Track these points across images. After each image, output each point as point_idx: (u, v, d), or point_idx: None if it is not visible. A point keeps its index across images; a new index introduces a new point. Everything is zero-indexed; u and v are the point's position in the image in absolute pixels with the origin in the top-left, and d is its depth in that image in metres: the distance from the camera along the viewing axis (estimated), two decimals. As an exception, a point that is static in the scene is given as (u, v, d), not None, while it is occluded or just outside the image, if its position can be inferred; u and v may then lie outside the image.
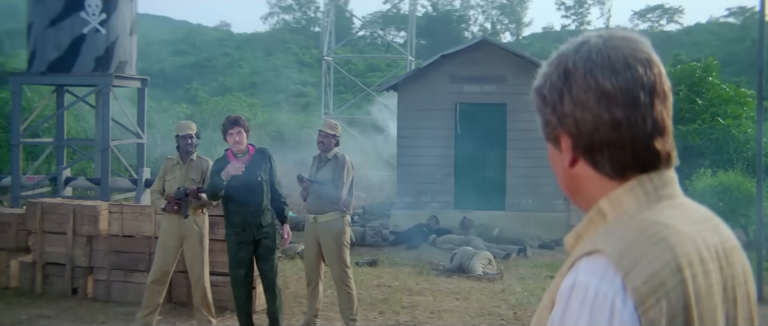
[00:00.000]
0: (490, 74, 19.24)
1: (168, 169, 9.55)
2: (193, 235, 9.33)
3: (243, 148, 8.84)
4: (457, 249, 14.84)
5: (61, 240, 11.20)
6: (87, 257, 11.10)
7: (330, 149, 9.43)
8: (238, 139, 8.79)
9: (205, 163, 9.49)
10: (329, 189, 9.24)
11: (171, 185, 9.40)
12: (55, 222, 11.24)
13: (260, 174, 8.80)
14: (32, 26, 18.82)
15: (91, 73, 18.54)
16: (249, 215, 8.78)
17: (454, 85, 19.37)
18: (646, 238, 1.55)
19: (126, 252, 10.97)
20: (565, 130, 1.66)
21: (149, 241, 10.81)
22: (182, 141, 9.52)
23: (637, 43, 1.66)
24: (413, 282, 13.06)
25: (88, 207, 11.20)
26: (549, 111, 1.69)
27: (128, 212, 11.04)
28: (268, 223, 8.91)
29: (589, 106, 1.62)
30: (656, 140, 1.63)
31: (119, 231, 11.00)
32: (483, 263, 13.99)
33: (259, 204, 8.81)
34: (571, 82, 1.64)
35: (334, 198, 9.25)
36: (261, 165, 8.86)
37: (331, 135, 9.44)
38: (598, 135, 1.62)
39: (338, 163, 9.36)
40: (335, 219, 9.29)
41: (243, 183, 8.69)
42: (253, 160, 8.81)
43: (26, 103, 24.75)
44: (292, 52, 65.30)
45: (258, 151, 9.00)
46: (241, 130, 8.84)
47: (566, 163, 1.69)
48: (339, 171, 9.31)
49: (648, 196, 1.64)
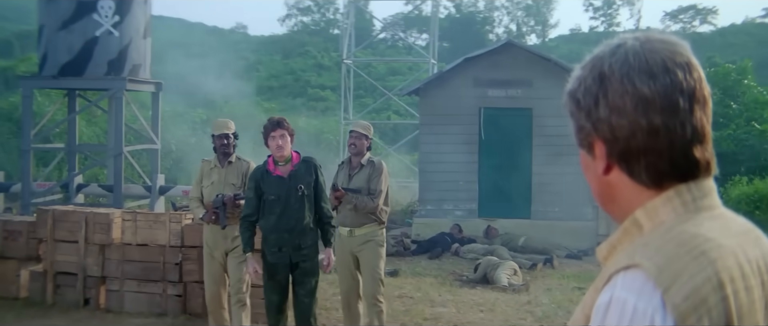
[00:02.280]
0: (515, 78, 19.19)
1: (205, 173, 9.12)
2: (237, 248, 8.82)
3: (286, 154, 8.07)
4: (481, 259, 14.80)
5: (72, 249, 11.22)
6: (99, 266, 11.12)
7: (362, 152, 8.93)
8: (282, 143, 7.99)
9: (245, 165, 9.00)
10: (366, 198, 8.76)
11: (209, 191, 8.96)
12: (66, 230, 11.27)
13: (302, 187, 8.02)
14: (43, 28, 18.93)
15: (103, 76, 18.62)
16: (286, 234, 8.03)
17: (478, 89, 19.33)
18: (686, 252, 1.53)
19: (140, 262, 10.97)
20: (599, 136, 1.65)
21: (164, 250, 10.81)
22: (218, 141, 9.05)
23: (676, 45, 1.64)
24: (436, 293, 13.03)
25: (100, 214, 11.23)
26: (583, 116, 1.67)
27: (142, 220, 11.04)
28: (309, 245, 8.13)
29: (625, 111, 1.60)
30: (695, 148, 1.61)
31: (133, 240, 11.00)
32: (508, 273, 13.94)
33: (298, 222, 8.04)
34: (606, 87, 1.62)
35: (372, 209, 8.78)
36: (304, 177, 8.07)
37: (364, 136, 8.94)
38: (635, 141, 1.60)
39: (375, 169, 8.88)
40: (373, 231, 8.88)
41: (281, 197, 8.02)
42: (295, 170, 8.08)
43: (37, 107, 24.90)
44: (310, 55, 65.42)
45: (303, 160, 8.18)
46: (285, 133, 8.03)
47: (600, 170, 1.67)
48: (376, 178, 8.82)
49: (686, 207, 1.62)
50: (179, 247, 10.73)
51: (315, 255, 8.21)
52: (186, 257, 10.70)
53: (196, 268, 10.48)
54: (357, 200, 8.71)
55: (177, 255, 10.74)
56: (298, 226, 8.04)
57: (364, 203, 8.73)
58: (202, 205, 9.01)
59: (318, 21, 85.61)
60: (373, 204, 8.75)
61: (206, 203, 8.93)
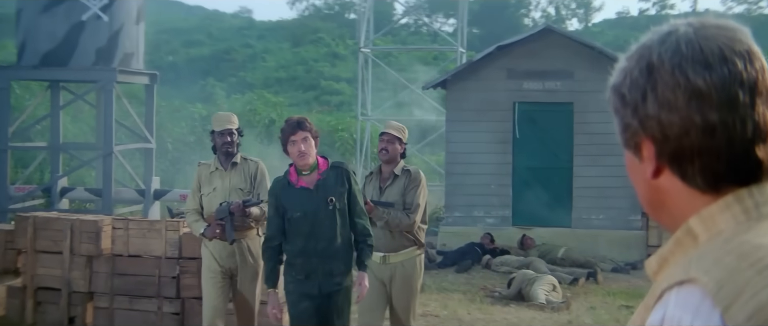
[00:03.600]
0: (554, 68, 19.15)
1: (204, 179, 8.62)
2: (246, 268, 8.44)
3: (311, 161, 7.31)
4: (515, 273, 14.78)
5: (56, 261, 11.25)
6: (86, 281, 11.15)
7: (396, 159, 8.36)
8: (305, 148, 7.21)
9: (253, 166, 8.58)
10: (400, 214, 8.18)
11: (211, 200, 8.42)
12: (49, 239, 11.29)
13: (333, 200, 7.26)
14: (22, 12, 19.02)
15: (91, 66, 18.71)
16: (315, 258, 7.27)
17: (513, 81, 19.31)
18: (749, 266, 1.52)
19: (132, 275, 11.00)
20: (647, 135, 1.64)
21: (159, 262, 10.83)
22: (220, 138, 8.57)
23: (735, 32, 1.63)
24: (464, 310, 13.03)
25: (87, 222, 11.25)
26: (629, 112, 1.66)
27: (135, 228, 11.06)
28: (342, 271, 7.35)
29: (677, 106, 1.59)
30: (758, 147, 1.60)
31: (124, 251, 11.02)
32: (546, 289, 13.92)
33: (330, 242, 7.27)
34: (655, 79, 1.61)
35: (407, 227, 8.20)
36: (335, 188, 7.31)
37: (398, 139, 8.36)
38: (688, 141, 1.59)
39: (412, 180, 8.31)
40: (411, 258, 8.31)
41: (308, 214, 7.28)
42: (324, 179, 7.32)
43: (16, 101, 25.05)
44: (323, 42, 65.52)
45: (332, 166, 7.41)
46: (308, 135, 7.26)
47: (648, 173, 1.66)
48: (413, 191, 8.25)
49: (748, 214, 1.60)
50: (176, 259, 10.75)
51: (350, 286, 7.46)
52: (184, 270, 10.72)
53: (195, 283, 10.48)
54: (389, 216, 8.13)
55: (174, 268, 10.76)
56: (330, 248, 7.27)
57: (398, 219, 8.15)
58: (201, 218, 8.48)
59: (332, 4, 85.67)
60: (408, 221, 8.17)
61: (207, 215, 8.41)
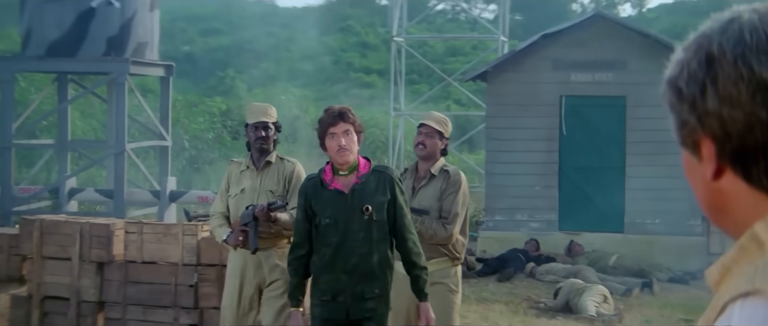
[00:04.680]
0: (604, 58, 19.10)
1: (233, 179, 8.21)
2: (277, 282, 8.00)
3: (352, 160, 6.74)
4: (562, 282, 14.76)
5: (64, 268, 11.29)
6: (97, 289, 11.19)
7: (434, 156, 7.85)
8: (346, 143, 6.65)
9: (290, 167, 8.09)
10: (435, 223, 7.63)
11: (238, 203, 8.00)
12: (56, 245, 11.33)
13: (369, 208, 6.65)
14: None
15: (101, 57, 18.79)
16: (344, 275, 6.68)
17: (559, 72, 19.28)
18: None
19: (146, 283, 11.01)
20: (707, 133, 1.63)
21: (176, 269, 10.83)
22: (253, 133, 8.10)
23: (805, 19, 1.63)
24: (506, 323, 13.03)
25: (98, 226, 11.29)
26: (686, 108, 1.66)
27: (149, 232, 11.07)
28: (377, 295, 6.73)
29: (740, 101, 1.59)
30: (830, 145, 1.60)
31: (138, 257, 11.04)
32: (596, 300, 13.88)
33: (363, 259, 6.67)
34: (716, 71, 1.61)
35: (443, 239, 7.64)
36: (374, 195, 6.72)
37: (439, 134, 7.85)
38: (753, 138, 1.59)
39: (450, 181, 7.77)
40: (444, 270, 7.76)
41: (339, 221, 6.71)
42: (362, 183, 6.74)
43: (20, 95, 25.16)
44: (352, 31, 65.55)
45: (374, 170, 6.83)
46: (350, 128, 6.70)
47: (708, 174, 1.66)
48: (451, 195, 7.71)
49: (820, 219, 1.60)
50: (194, 266, 10.74)
51: (385, 311, 6.85)
52: (203, 278, 10.73)
53: (214, 292, 10.50)
54: (422, 225, 7.48)
55: (191, 275, 10.77)
56: (363, 265, 6.67)
57: (432, 230, 7.58)
58: (226, 223, 8.10)
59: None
60: (444, 233, 7.61)
61: (233, 219, 8.00)
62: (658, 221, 18.81)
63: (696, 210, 17.67)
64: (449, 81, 31.97)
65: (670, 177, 17.79)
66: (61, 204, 19.61)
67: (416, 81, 49.39)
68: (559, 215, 19.28)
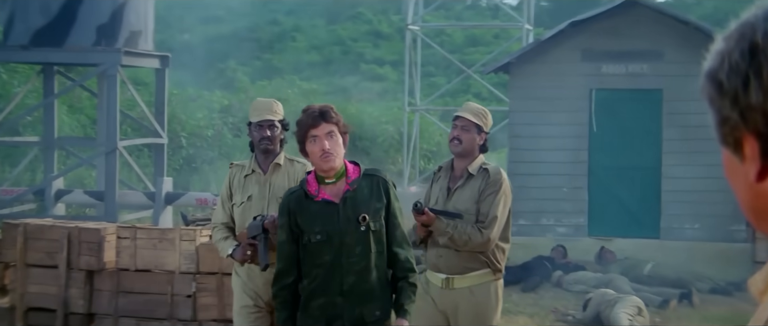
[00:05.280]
0: (639, 48, 19.08)
1: (236, 185, 7.87)
2: None
3: (337, 165, 6.30)
4: (592, 293, 14.74)
5: (50, 277, 11.31)
6: (86, 300, 11.21)
7: (471, 153, 7.46)
8: (330, 146, 6.21)
9: (300, 169, 7.66)
10: (470, 228, 7.22)
11: (245, 212, 7.70)
12: (42, 251, 11.35)
13: (366, 218, 6.26)
14: (10, -17, 19.15)
15: (91, 47, 18.81)
16: (340, 297, 6.29)
17: (589, 63, 19.26)
18: None
19: (140, 293, 11.03)
20: (750, 130, 1.63)
21: (172, 278, 10.84)
22: (257, 132, 7.78)
23: None
24: (531, 337, 13.02)
25: (87, 231, 11.31)
26: (727, 103, 1.66)
27: (143, 238, 11.08)
28: (377, 318, 6.36)
29: (786, 95, 1.59)
30: None
31: (131, 265, 11.06)
32: (630, 313, 13.86)
33: (361, 277, 6.29)
34: (760, 63, 1.61)
35: (479, 246, 7.25)
36: (369, 203, 6.33)
37: (477, 127, 7.46)
38: (800, 136, 1.59)
39: (490, 183, 7.40)
40: (484, 285, 7.37)
41: (332, 237, 6.27)
42: (354, 191, 6.33)
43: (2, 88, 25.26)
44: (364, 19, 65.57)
45: (365, 174, 6.44)
46: (334, 129, 6.27)
47: (751, 175, 1.66)
48: (490, 197, 7.37)
49: None
50: (193, 274, 10.77)
51: None
52: (202, 287, 10.74)
53: (214, 302, 10.53)
54: (454, 230, 7.18)
55: (190, 284, 10.78)
56: (362, 285, 6.30)
57: (466, 235, 7.20)
58: (231, 235, 7.79)
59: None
60: (480, 238, 7.23)
61: (239, 231, 7.72)
62: (697, 226, 18.77)
63: (739, 214, 17.52)
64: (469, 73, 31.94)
65: (711, 178, 17.78)
66: (47, 207, 19.65)
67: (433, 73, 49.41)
68: (589, 219, 19.27)
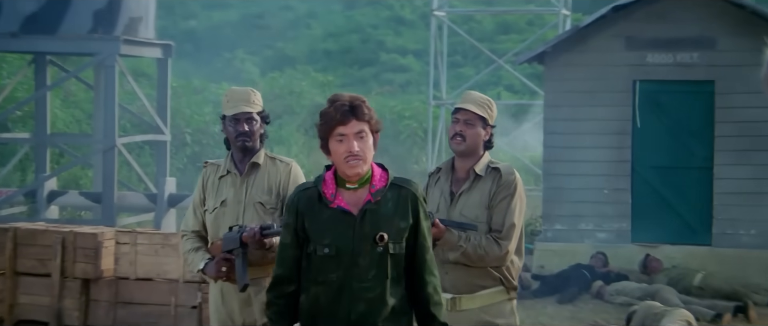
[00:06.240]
0: (688, 35, 18.99)
1: (210, 188, 7.41)
2: None
3: (365, 170, 5.72)
4: (636, 305, 14.68)
5: (42, 286, 11.31)
6: (82, 311, 11.21)
7: (476, 151, 7.03)
8: (359, 147, 5.64)
9: (283, 170, 7.33)
10: (484, 239, 6.81)
11: (218, 220, 7.26)
12: (33, 258, 11.36)
13: (384, 237, 5.66)
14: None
15: (87, 35, 18.81)
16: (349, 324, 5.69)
17: (633, 52, 19.19)
18: None
19: (140, 304, 11.04)
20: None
21: (175, 287, 10.84)
22: (233, 127, 7.26)
23: None
24: (570, 353, 13.00)
25: (83, 236, 11.31)
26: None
27: (144, 243, 11.08)
28: None
29: None
30: None
31: (130, 273, 11.07)
32: (678, 326, 13.83)
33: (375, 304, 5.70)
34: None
35: (495, 260, 6.82)
36: (392, 219, 5.73)
37: (481, 119, 7.01)
38: None
39: (502, 185, 6.94)
40: (498, 306, 6.94)
41: (343, 252, 5.70)
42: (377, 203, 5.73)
43: (-9, 80, 25.28)
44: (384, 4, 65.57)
45: (393, 184, 5.80)
46: (365, 128, 5.67)
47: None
48: (505, 203, 6.90)
49: None
50: (198, 283, 10.75)
51: None
52: (207, 298, 10.71)
53: None
54: (468, 243, 6.78)
55: (194, 294, 10.78)
56: (374, 315, 5.71)
57: (482, 249, 6.79)
58: (203, 246, 7.36)
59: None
60: (498, 251, 6.80)
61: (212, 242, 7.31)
62: (753, 232, 18.67)
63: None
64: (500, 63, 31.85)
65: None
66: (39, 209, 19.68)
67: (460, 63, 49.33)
68: (632, 224, 19.19)
